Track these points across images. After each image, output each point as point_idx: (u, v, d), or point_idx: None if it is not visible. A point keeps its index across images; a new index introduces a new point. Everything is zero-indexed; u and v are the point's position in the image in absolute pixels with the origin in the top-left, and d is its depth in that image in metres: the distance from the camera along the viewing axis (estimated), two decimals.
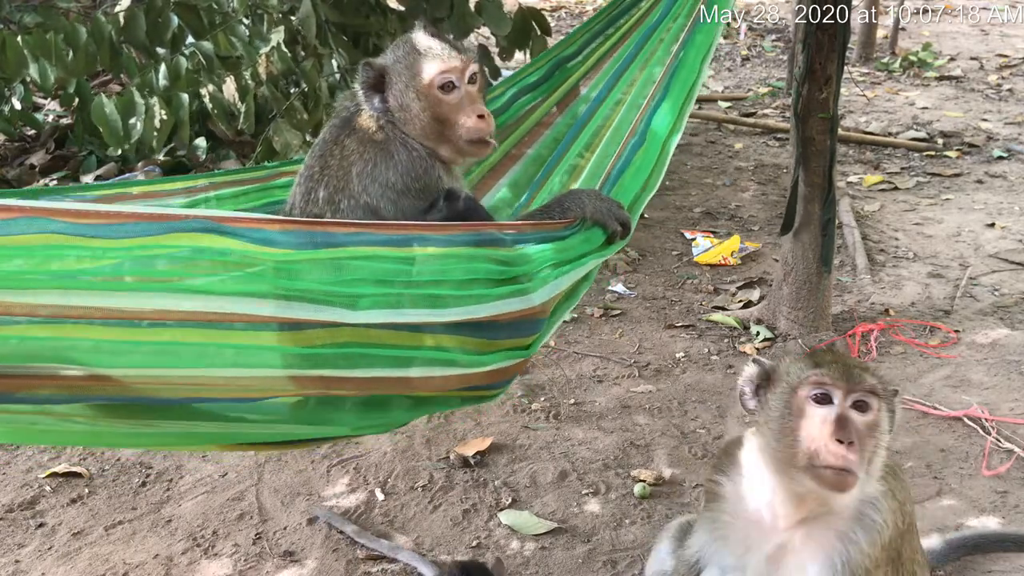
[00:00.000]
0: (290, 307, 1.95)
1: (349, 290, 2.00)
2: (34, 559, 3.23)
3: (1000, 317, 4.88)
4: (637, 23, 3.06)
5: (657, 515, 3.43)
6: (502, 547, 3.28)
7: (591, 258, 2.42)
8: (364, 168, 2.37)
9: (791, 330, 4.67)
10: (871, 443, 2.11)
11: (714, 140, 7.89)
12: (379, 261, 2.05)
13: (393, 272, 2.06)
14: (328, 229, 2.07)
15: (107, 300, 1.79)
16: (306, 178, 2.43)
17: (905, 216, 6.26)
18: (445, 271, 2.11)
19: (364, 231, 2.11)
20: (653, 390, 4.26)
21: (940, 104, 8.78)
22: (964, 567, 3.15)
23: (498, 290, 2.17)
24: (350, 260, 2.02)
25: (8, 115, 6.26)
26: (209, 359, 1.89)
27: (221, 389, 1.97)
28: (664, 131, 2.74)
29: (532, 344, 2.28)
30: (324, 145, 2.46)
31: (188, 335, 1.87)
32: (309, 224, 2.12)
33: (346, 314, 1.99)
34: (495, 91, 2.97)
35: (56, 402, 1.84)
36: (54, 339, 1.76)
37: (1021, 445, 3.78)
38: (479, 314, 2.14)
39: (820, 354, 2.25)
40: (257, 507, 3.50)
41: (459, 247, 2.16)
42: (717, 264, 5.57)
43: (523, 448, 3.83)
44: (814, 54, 4.37)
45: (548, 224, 2.39)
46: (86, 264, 1.79)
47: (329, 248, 2.02)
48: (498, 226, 2.33)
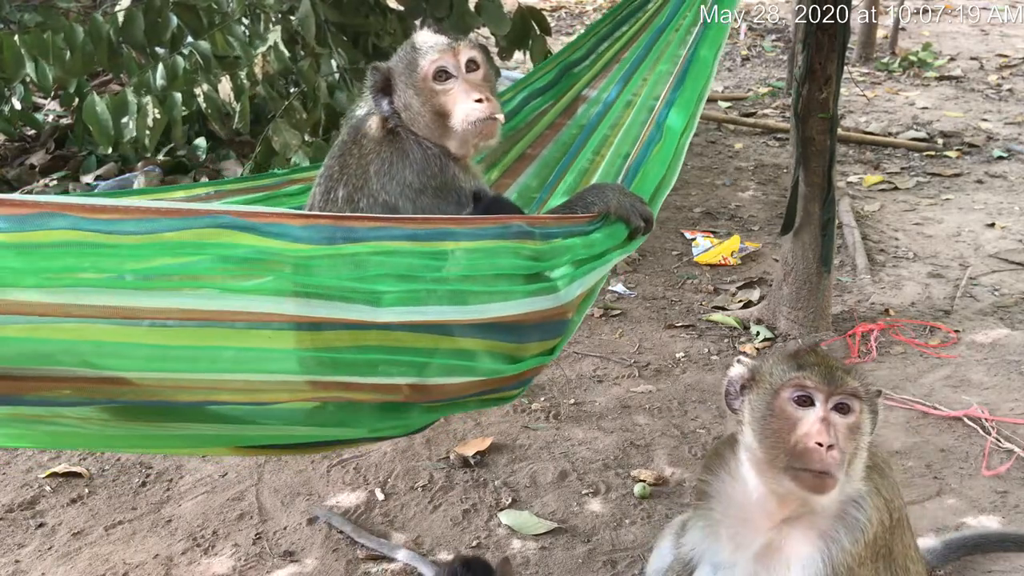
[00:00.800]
0: (310, 305, 1.92)
1: (371, 286, 1.97)
2: (34, 559, 3.23)
3: (1000, 317, 4.87)
4: (645, 25, 3.06)
5: (657, 515, 3.43)
6: (502, 547, 3.27)
7: (614, 255, 2.40)
8: (381, 167, 2.38)
9: (791, 330, 4.67)
10: (852, 445, 2.12)
11: (714, 140, 7.88)
12: (403, 256, 2.02)
13: (419, 267, 2.03)
14: (350, 224, 2.03)
15: (123, 299, 1.75)
16: (325, 178, 2.43)
17: (905, 216, 6.26)
18: (472, 266, 2.09)
19: (387, 225, 2.07)
20: (653, 390, 4.26)
21: (940, 104, 8.78)
22: (964, 567, 3.15)
23: (525, 287, 2.15)
24: (372, 255, 1.99)
25: (8, 115, 6.26)
26: (227, 362, 1.85)
27: (239, 393, 1.94)
28: (679, 127, 2.73)
29: (556, 347, 2.26)
30: (343, 145, 2.46)
31: (205, 336, 1.83)
32: (331, 219, 2.08)
33: (368, 311, 1.96)
34: (505, 95, 2.97)
35: (69, 405, 1.81)
36: (67, 341, 1.72)
37: (1021, 445, 3.78)
38: (506, 312, 2.12)
39: (803, 355, 2.23)
40: (257, 507, 3.50)
41: (486, 240, 2.13)
42: (717, 264, 5.57)
43: (523, 448, 3.83)
44: (814, 54, 4.36)
45: (573, 218, 2.36)
46: (103, 262, 1.75)
47: (351, 243, 1.98)
48: (525, 219, 2.29)
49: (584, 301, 2.39)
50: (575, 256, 2.27)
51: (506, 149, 2.91)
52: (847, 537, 2.15)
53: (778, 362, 2.23)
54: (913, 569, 2.35)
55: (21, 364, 1.72)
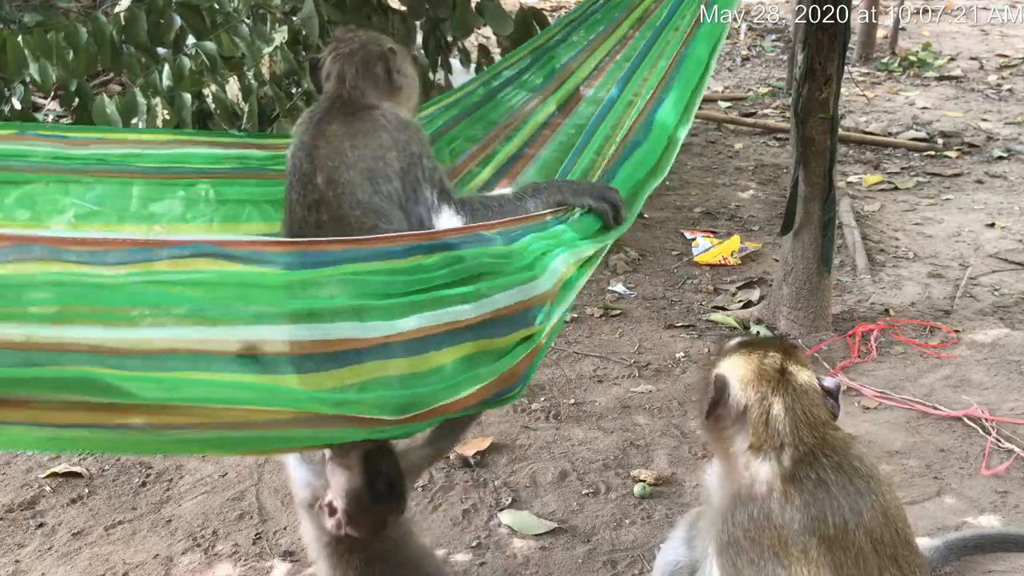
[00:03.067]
0: (301, 329, 1.92)
1: (355, 302, 1.98)
2: (34, 559, 3.23)
3: (1000, 317, 4.88)
4: (641, 21, 3.05)
5: (657, 515, 3.43)
6: (502, 547, 3.28)
7: (588, 242, 2.41)
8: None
9: (791, 330, 4.67)
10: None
11: (714, 140, 7.89)
12: (380, 275, 2.04)
13: (396, 284, 2.05)
14: (320, 248, 2.06)
15: (106, 334, 1.73)
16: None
17: (905, 216, 6.26)
18: (447, 274, 2.10)
19: (354, 247, 2.09)
20: (653, 390, 4.27)
21: (940, 104, 8.78)
22: (964, 567, 3.15)
23: (501, 280, 2.16)
24: (350, 276, 2.01)
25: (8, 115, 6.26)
26: (221, 393, 1.83)
27: (239, 423, 1.90)
28: (672, 122, 2.72)
29: (538, 332, 2.24)
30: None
31: (193, 371, 1.81)
32: (305, 244, 2.11)
33: (356, 327, 1.97)
34: (467, 87, 3.02)
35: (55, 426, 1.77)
36: (54, 373, 1.69)
37: (1021, 445, 3.78)
38: (487, 309, 2.12)
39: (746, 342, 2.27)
40: (257, 507, 3.50)
41: (454, 251, 2.15)
42: (717, 264, 5.57)
43: (523, 448, 3.83)
44: (814, 54, 4.37)
45: (532, 217, 2.39)
46: (80, 294, 1.72)
47: (327, 267, 2.01)
48: (486, 227, 2.33)
49: (565, 287, 2.35)
50: (543, 250, 2.28)
51: (488, 142, 2.94)
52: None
53: (724, 347, 2.29)
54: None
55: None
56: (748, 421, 2.09)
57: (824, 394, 2.15)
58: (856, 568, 1.98)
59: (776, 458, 2.05)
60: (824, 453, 2.06)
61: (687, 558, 2.49)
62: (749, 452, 2.09)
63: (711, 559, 2.14)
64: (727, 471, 2.17)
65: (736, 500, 2.09)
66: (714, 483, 2.27)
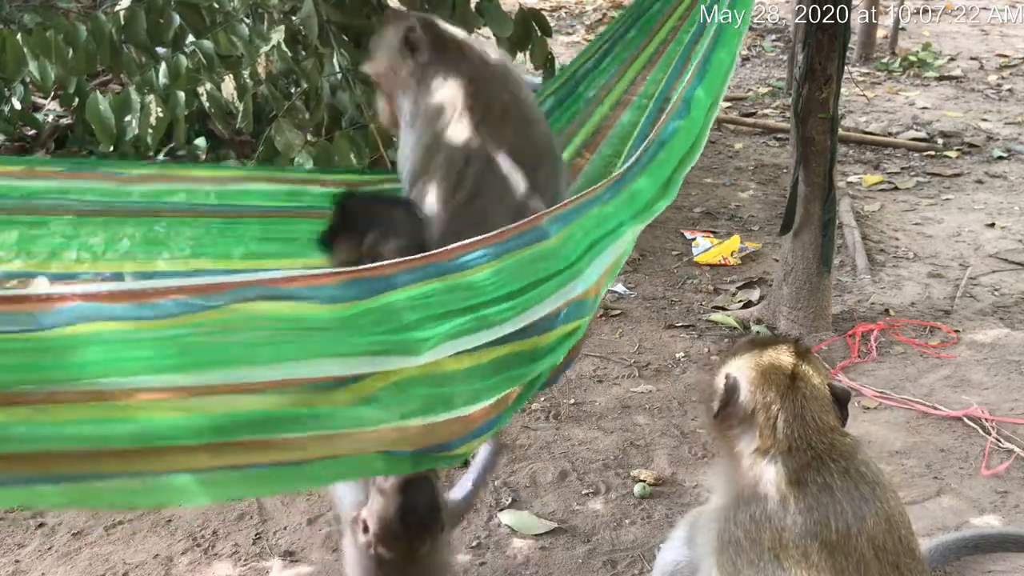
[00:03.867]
0: (357, 363, 1.83)
1: (407, 335, 1.87)
2: (34, 559, 3.23)
3: (1000, 317, 4.88)
4: (682, 19, 3.09)
5: (657, 515, 3.43)
6: (502, 547, 3.28)
7: (628, 225, 2.34)
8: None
9: (791, 330, 4.67)
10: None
11: (714, 140, 7.88)
12: (438, 294, 1.92)
13: (452, 300, 1.93)
14: (380, 274, 1.91)
15: (170, 381, 1.66)
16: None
17: (905, 216, 6.26)
18: (500, 285, 1.99)
19: (412, 267, 1.95)
20: (653, 390, 4.27)
21: (940, 104, 8.78)
22: (964, 567, 3.15)
23: (549, 285, 2.06)
24: (409, 300, 1.88)
25: (8, 115, 6.26)
26: (289, 426, 1.78)
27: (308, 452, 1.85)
28: (707, 102, 2.69)
29: (582, 326, 2.18)
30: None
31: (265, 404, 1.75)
32: (362, 273, 1.95)
33: (411, 360, 1.86)
34: (559, 79, 3.18)
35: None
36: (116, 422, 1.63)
37: (1021, 445, 3.78)
38: (536, 316, 2.04)
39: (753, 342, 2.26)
40: (257, 507, 3.50)
41: (508, 256, 2.04)
42: (717, 264, 5.57)
43: (523, 448, 3.83)
44: (814, 54, 4.37)
45: (585, 194, 2.28)
46: (132, 349, 1.64)
47: (387, 293, 1.88)
48: (543, 216, 2.18)
49: (608, 277, 2.30)
50: (589, 238, 2.19)
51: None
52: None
53: (733, 349, 2.29)
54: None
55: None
56: (756, 423, 2.08)
57: (833, 399, 2.15)
58: (857, 574, 1.97)
59: (782, 461, 2.05)
60: (831, 458, 2.05)
61: (687, 558, 2.49)
62: (755, 454, 2.08)
63: (711, 557, 2.14)
64: (731, 470, 2.16)
65: (739, 500, 2.08)
66: (717, 482, 2.27)
